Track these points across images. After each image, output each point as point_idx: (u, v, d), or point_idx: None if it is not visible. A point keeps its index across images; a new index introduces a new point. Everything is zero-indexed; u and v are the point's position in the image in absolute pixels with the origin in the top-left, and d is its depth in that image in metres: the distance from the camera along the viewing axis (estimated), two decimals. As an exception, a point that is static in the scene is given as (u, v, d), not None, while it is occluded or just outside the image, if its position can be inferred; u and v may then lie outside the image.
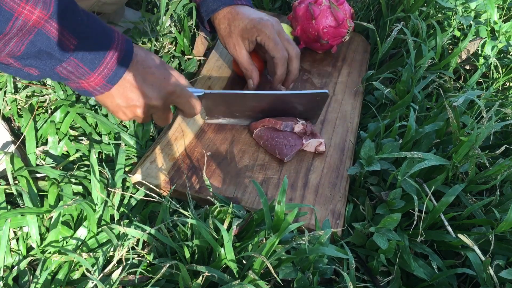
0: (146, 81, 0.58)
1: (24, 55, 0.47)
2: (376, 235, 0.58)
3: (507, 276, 0.53)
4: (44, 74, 0.51)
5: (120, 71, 0.55)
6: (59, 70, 0.51)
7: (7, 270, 0.57)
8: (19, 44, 0.46)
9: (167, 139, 0.73)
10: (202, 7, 0.78)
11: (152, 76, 0.58)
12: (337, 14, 0.87)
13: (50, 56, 0.49)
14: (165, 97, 0.61)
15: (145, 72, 0.58)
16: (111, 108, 0.59)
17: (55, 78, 0.52)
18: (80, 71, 0.52)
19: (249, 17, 0.73)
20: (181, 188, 0.66)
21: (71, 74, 0.52)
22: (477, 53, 1.01)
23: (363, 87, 0.90)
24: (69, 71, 0.51)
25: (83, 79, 0.53)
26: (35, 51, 0.48)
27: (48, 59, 0.49)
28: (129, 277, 0.56)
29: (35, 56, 0.48)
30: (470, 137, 0.64)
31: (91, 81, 0.54)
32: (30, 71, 0.50)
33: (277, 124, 0.73)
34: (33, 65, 0.49)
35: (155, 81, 0.59)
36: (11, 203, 0.64)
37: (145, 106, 0.60)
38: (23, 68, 0.50)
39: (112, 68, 0.54)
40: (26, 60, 0.48)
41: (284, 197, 0.52)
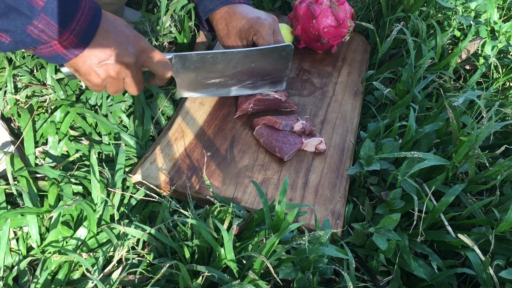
0: (118, 38, 0.58)
1: None
2: (375, 235, 0.58)
3: (507, 276, 0.53)
4: (16, 38, 0.50)
5: (92, 29, 0.55)
6: (30, 30, 0.50)
7: (7, 270, 0.57)
8: None
9: (167, 140, 0.73)
10: (199, 6, 0.78)
11: (122, 33, 0.58)
12: (338, 14, 0.87)
13: (19, 13, 0.48)
14: (137, 54, 0.61)
15: (115, 30, 0.58)
16: (83, 70, 0.58)
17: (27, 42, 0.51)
18: (52, 29, 0.51)
19: (246, 17, 0.73)
20: (181, 189, 0.66)
21: (42, 34, 0.51)
22: (477, 53, 1.01)
23: (363, 87, 0.90)
24: (41, 30, 0.50)
25: (55, 39, 0.52)
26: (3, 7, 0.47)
27: (18, 17, 0.48)
28: (129, 277, 0.56)
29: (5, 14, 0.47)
30: (470, 137, 0.64)
31: (64, 40, 0.53)
32: (1, 39, 0.49)
33: (276, 124, 0.73)
34: (3, 28, 0.48)
35: (126, 38, 0.59)
36: (11, 203, 0.64)
37: (118, 64, 0.60)
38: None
39: (84, 25, 0.54)
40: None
41: (284, 197, 0.52)
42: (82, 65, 0.58)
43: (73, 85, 0.82)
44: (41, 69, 0.83)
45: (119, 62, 0.59)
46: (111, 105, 0.79)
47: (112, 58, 0.58)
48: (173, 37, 0.92)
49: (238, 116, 0.79)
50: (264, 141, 0.73)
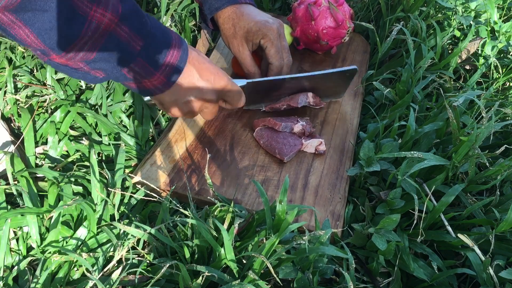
0: (202, 76, 0.61)
1: (96, 59, 0.49)
2: (375, 236, 0.58)
3: (507, 276, 0.53)
4: (110, 75, 0.53)
5: (180, 68, 0.57)
6: (125, 71, 0.53)
7: (7, 270, 0.57)
8: (92, 49, 0.48)
9: (167, 141, 0.73)
10: (204, 5, 0.78)
11: (206, 71, 0.61)
12: (337, 15, 0.87)
13: (120, 58, 0.50)
14: (218, 91, 0.64)
15: (200, 68, 0.60)
16: (167, 104, 0.62)
17: (120, 79, 0.54)
18: (146, 71, 0.54)
19: (254, 19, 0.74)
20: (181, 190, 0.66)
21: (137, 75, 0.54)
22: (477, 53, 1.01)
23: (363, 88, 0.90)
24: (136, 72, 0.53)
25: (147, 79, 0.55)
26: (106, 54, 0.49)
27: (117, 61, 0.51)
28: (129, 277, 0.56)
29: (106, 59, 0.50)
30: (470, 137, 0.64)
31: (154, 79, 0.56)
32: (96, 74, 0.52)
33: (276, 125, 0.73)
34: (101, 68, 0.51)
35: (209, 76, 0.62)
36: (11, 203, 0.64)
37: (201, 101, 0.63)
38: (91, 72, 0.51)
39: (173, 66, 0.56)
40: (96, 64, 0.50)
41: (285, 196, 0.52)
42: (168, 100, 0.61)
43: (73, 85, 0.82)
44: (41, 69, 0.83)
45: (202, 99, 0.63)
46: (111, 105, 0.79)
47: (196, 96, 0.62)
48: (173, 37, 0.92)
49: (238, 118, 0.79)
50: (264, 143, 0.73)
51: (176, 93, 0.60)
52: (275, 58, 0.76)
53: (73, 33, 0.46)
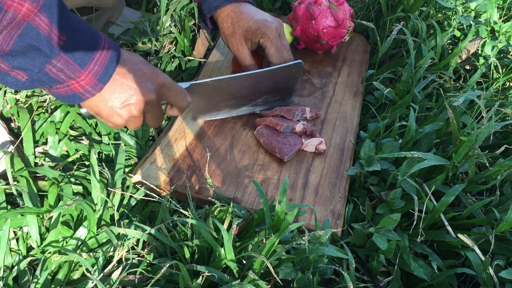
0: (137, 76, 0.57)
1: (12, 51, 0.46)
2: (375, 235, 0.58)
3: (507, 276, 0.53)
4: (33, 76, 0.49)
5: (110, 69, 0.54)
6: (48, 69, 0.49)
7: (7, 270, 0.56)
8: (8, 39, 0.45)
9: (167, 140, 0.73)
10: (203, 4, 0.78)
11: (140, 71, 0.58)
12: (337, 15, 0.87)
13: (39, 52, 0.47)
14: (157, 90, 0.60)
15: (133, 69, 0.57)
16: (104, 112, 0.57)
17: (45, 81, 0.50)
18: (70, 69, 0.50)
19: (254, 18, 0.74)
20: (181, 189, 0.66)
21: (61, 73, 0.50)
22: (477, 53, 1.01)
23: (363, 87, 0.90)
24: (59, 69, 0.50)
25: (73, 79, 0.51)
26: (23, 46, 0.46)
27: (37, 56, 0.47)
28: (129, 277, 0.56)
29: (24, 53, 0.46)
30: (470, 137, 0.64)
31: (82, 79, 0.52)
32: (17, 76, 0.48)
33: (277, 126, 0.74)
34: (21, 66, 0.47)
35: (144, 75, 0.58)
36: (11, 203, 0.64)
37: (140, 103, 0.59)
38: (11, 72, 0.48)
39: (102, 65, 0.53)
40: (15, 59, 0.47)
41: (285, 196, 0.52)
42: (104, 108, 0.57)
43: (73, 85, 0.82)
44: None
45: (140, 101, 0.59)
46: (111, 105, 0.78)
47: (133, 98, 0.58)
48: (173, 37, 0.92)
49: (238, 117, 0.79)
50: (264, 141, 0.73)
51: (110, 97, 0.56)
52: (275, 57, 0.75)
53: None
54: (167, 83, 0.61)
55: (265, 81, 0.75)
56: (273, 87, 0.77)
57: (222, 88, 0.73)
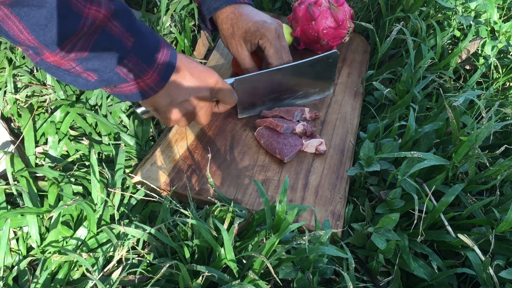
0: (193, 74, 0.61)
1: (89, 56, 0.49)
2: (374, 235, 0.58)
3: (507, 276, 0.53)
4: (103, 77, 0.52)
5: (171, 67, 0.58)
6: (119, 69, 0.52)
7: (7, 270, 0.57)
8: (86, 44, 0.48)
9: (167, 141, 0.73)
10: (203, 5, 0.78)
11: (195, 69, 0.61)
12: (337, 15, 0.87)
13: (112, 54, 0.50)
14: (210, 88, 0.64)
15: (190, 67, 0.61)
16: (163, 108, 0.61)
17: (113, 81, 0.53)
18: (139, 68, 0.54)
19: (253, 19, 0.74)
20: (181, 190, 0.66)
21: (130, 73, 0.53)
22: (477, 53, 1.01)
23: (363, 88, 0.90)
24: (129, 69, 0.53)
25: (140, 78, 0.55)
26: (99, 51, 0.49)
27: (109, 57, 0.51)
28: (129, 277, 0.56)
29: (98, 56, 0.50)
30: (470, 137, 0.64)
31: (147, 78, 0.56)
32: (88, 77, 0.52)
33: (278, 127, 0.74)
34: (94, 68, 0.50)
35: (199, 74, 0.62)
36: (11, 203, 0.64)
37: (196, 100, 0.63)
38: (82, 74, 0.51)
39: (165, 64, 0.57)
40: (89, 62, 0.49)
41: (285, 196, 0.52)
42: (164, 103, 0.61)
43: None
44: (41, 69, 0.83)
45: (197, 98, 0.63)
46: (111, 105, 0.79)
47: (191, 94, 0.62)
48: (174, 37, 0.92)
49: (238, 118, 0.79)
50: (265, 142, 0.73)
51: (170, 93, 0.60)
52: (274, 58, 0.76)
53: (68, 29, 0.46)
54: (219, 82, 0.65)
55: (305, 73, 0.78)
56: (312, 79, 0.80)
57: (264, 82, 0.75)
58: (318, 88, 0.83)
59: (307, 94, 0.83)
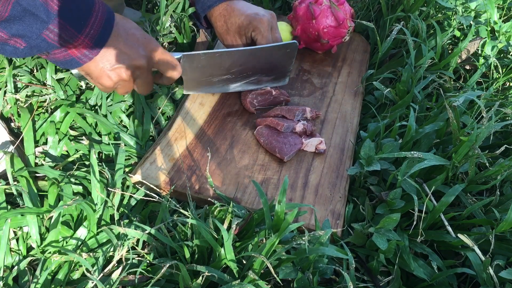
0: (129, 41, 0.58)
1: (10, 18, 0.46)
2: (375, 235, 0.58)
3: (507, 276, 0.53)
4: (31, 43, 0.50)
5: (106, 33, 0.55)
6: (45, 34, 0.50)
7: (7, 270, 0.56)
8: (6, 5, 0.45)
9: (167, 140, 0.73)
10: (197, 4, 0.78)
11: (133, 36, 0.59)
12: (338, 14, 0.87)
13: (36, 17, 0.48)
14: (148, 56, 0.61)
15: (126, 33, 0.58)
16: (95, 73, 0.59)
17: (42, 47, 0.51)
18: (67, 34, 0.51)
19: (245, 13, 0.74)
20: (181, 189, 0.66)
21: (58, 38, 0.51)
22: (477, 53, 1.01)
23: (363, 87, 0.90)
24: (56, 34, 0.50)
25: (70, 43, 0.53)
26: (20, 11, 0.47)
27: (34, 22, 0.48)
28: (129, 277, 0.56)
29: (20, 18, 0.47)
30: (470, 137, 0.64)
31: (79, 43, 0.53)
32: (16, 44, 0.49)
33: (278, 125, 0.74)
34: (19, 34, 0.48)
35: (137, 41, 0.59)
36: (11, 203, 0.64)
37: (130, 67, 0.60)
38: (9, 41, 0.49)
39: (98, 29, 0.54)
40: (13, 26, 0.47)
41: (284, 196, 0.52)
42: (95, 69, 0.58)
43: (73, 85, 0.82)
44: (41, 69, 0.83)
45: (131, 65, 0.60)
46: (111, 105, 0.79)
47: (124, 62, 0.59)
48: (173, 37, 0.92)
49: (238, 117, 0.79)
50: (264, 141, 0.73)
51: (102, 60, 0.57)
52: None
53: None
54: (159, 51, 0.63)
55: (259, 59, 0.76)
56: (267, 66, 0.78)
57: (215, 62, 0.74)
58: (272, 76, 0.81)
59: (260, 80, 0.80)
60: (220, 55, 0.72)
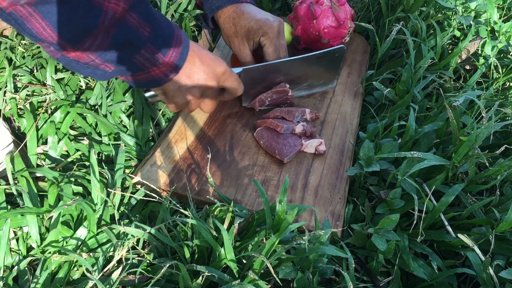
0: (203, 62, 0.62)
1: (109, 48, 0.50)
2: (374, 236, 0.58)
3: (507, 276, 0.53)
4: (120, 67, 0.53)
5: (184, 54, 0.59)
6: (136, 58, 0.53)
7: (7, 270, 0.57)
8: (105, 37, 0.48)
9: (167, 142, 0.73)
10: (205, 4, 0.78)
11: (206, 57, 0.63)
12: (338, 14, 0.87)
13: (131, 44, 0.51)
14: (218, 77, 0.65)
15: (200, 54, 0.62)
16: (170, 93, 0.63)
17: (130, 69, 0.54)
18: (155, 57, 0.55)
19: (255, 18, 0.75)
20: (181, 191, 0.66)
21: (146, 62, 0.55)
22: (477, 53, 1.01)
23: (362, 88, 0.90)
24: (145, 58, 0.54)
25: (155, 66, 0.56)
26: (119, 42, 0.50)
27: (128, 48, 0.52)
28: (129, 277, 0.56)
29: (118, 47, 0.50)
30: (470, 137, 0.64)
31: (162, 66, 0.57)
32: (106, 68, 0.53)
33: (278, 127, 0.74)
34: (112, 59, 0.51)
35: (209, 62, 0.63)
36: (11, 203, 0.64)
37: (203, 87, 0.64)
38: (101, 65, 0.52)
39: (178, 51, 0.58)
40: (107, 54, 0.50)
41: (285, 196, 0.52)
42: (172, 88, 0.62)
43: (73, 85, 0.82)
44: (41, 69, 0.83)
45: (204, 86, 0.64)
46: (111, 105, 0.79)
47: (199, 81, 0.63)
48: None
49: (238, 118, 0.79)
50: (264, 143, 0.73)
51: (180, 79, 0.61)
52: (272, 56, 0.77)
53: (90, 24, 0.46)
54: (228, 71, 0.66)
55: (311, 65, 0.79)
56: (318, 71, 0.81)
57: (271, 73, 0.76)
58: (322, 80, 0.84)
59: (312, 86, 0.84)
60: (276, 66, 0.75)
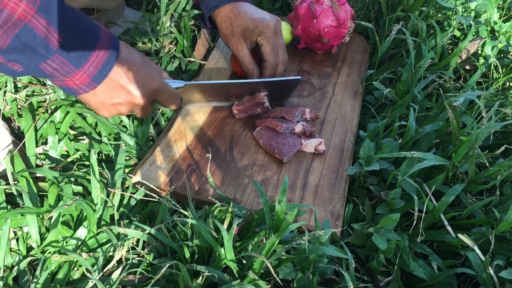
0: (131, 79, 0.58)
1: (8, 49, 0.46)
2: (375, 235, 0.58)
3: (507, 276, 0.53)
4: (29, 70, 0.50)
5: (106, 70, 0.54)
6: (43, 67, 0.50)
7: (7, 270, 0.57)
8: (4, 37, 0.45)
9: (166, 141, 0.73)
10: (202, 3, 0.78)
11: (137, 74, 0.58)
12: (339, 14, 0.87)
13: (35, 52, 0.48)
14: (149, 93, 0.61)
15: (129, 70, 0.57)
16: (94, 105, 0.59)
17: (40, 75, 0.51)
18: (65, 69, 0.51)
19: (252, 17, 0.74)
20: (180, 190, 0.66)
21: (55, 72, 0.51)
22: (477, 53, 1.01)
23: (362, 88, 0.90)
24: (54, 68, 0.50)
25: (68, 77, 0.52)
26: (19, 45, 0.46)
27: (32, 55, 0.48)
28: (129, 277, 0.56)
29: (20, 50, 0.47)
30: (470, 137, 0.64)
31: (76, 79, 0.53)
32: (14, 67, 0.49)
33: (277, 127, 0.74)
34: (17, 61, 0.48)
35: (139, 79, 0.58)
36: (11, 203, 0.64)
37: (129, 104, 0.60)
38: (7, 64, 0.48)
39: (98, 66, 0.53)
40: (11, 55, 0.47)
41: (284, 196, 0.52)
42: (94, 102, 0.58)
43: (73, 85, 0.82)
44: None
45: (130, 103, 0.60)
46: (111, 105, 0.79)
47: (124, 99, 0.59)
48: (174, 37, 0.92)
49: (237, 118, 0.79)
50: (264, 142, 0.73)
51: (102, 95, 0.57)
52: (270, 55, 0.76)
53: None
54: (161, 88, 0.62)
55: (261, 90, 0.77)
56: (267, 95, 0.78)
57: (216, 90, 0.75)
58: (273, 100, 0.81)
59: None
60: (223, 86, 0.74)
